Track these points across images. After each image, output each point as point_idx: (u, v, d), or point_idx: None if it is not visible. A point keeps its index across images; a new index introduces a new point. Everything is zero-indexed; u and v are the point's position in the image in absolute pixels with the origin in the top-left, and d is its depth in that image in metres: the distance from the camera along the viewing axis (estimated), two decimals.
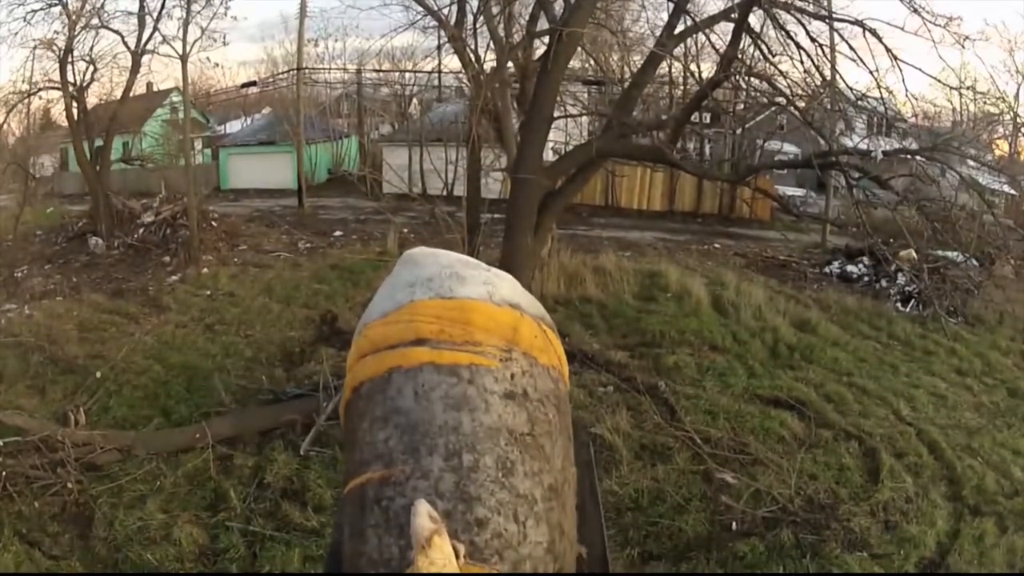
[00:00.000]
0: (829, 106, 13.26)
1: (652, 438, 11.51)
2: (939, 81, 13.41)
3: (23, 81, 24.86)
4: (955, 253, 20.79)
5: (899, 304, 19.52)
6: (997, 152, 22.70)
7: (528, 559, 2.68)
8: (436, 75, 29.46)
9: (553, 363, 3.13)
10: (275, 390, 13.19)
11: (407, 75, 36.25)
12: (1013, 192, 21.02)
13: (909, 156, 13.13)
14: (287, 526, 9.63)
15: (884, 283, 20.68)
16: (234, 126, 45.57)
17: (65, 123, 27.66)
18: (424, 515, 2.22)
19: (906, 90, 14.66)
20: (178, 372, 13.98)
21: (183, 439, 11.48)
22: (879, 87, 12.51)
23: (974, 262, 22.03)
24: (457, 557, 2.44)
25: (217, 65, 33.44)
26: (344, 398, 3.43)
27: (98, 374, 13.59)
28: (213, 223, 25.06)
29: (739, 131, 30.93)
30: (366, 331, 3.30)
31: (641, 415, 12.18)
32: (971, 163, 14.33)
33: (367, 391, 3.07)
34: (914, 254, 19.97)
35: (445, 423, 2.72)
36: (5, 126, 27.45)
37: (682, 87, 24.07)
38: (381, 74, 37.82)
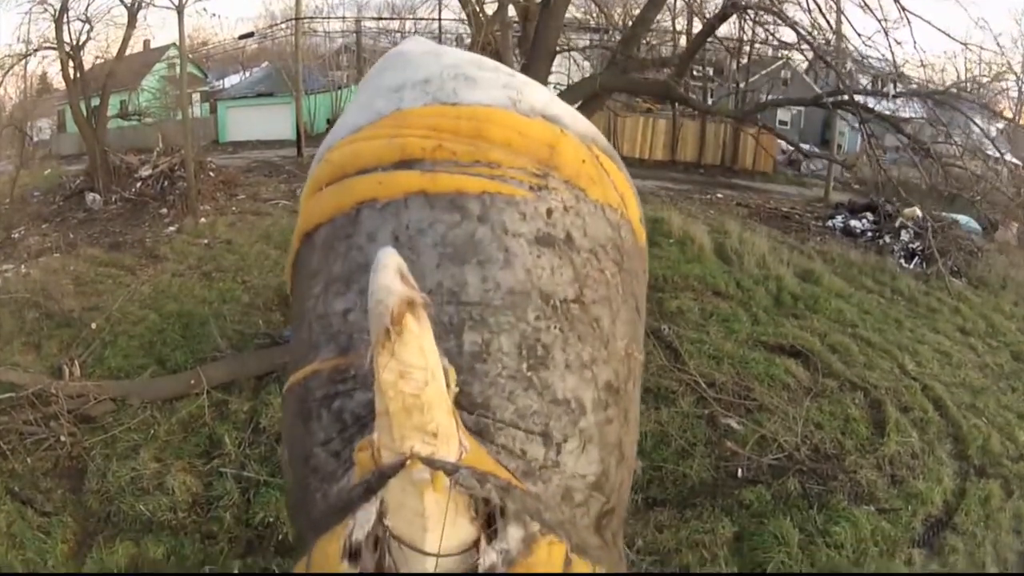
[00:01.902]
0: (835, 52, 12.97)
1: (656, 381, 11.26)
2: (946, 35, 13.06)
3: (19, 41, 24.47)
4: (962, 217, 20.73)
5: (903, 260, 19.28)
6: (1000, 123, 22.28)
7: (561, 491, 1.95)
8: (436, 21, 28.94)
9: (611, 201, 2.28)
10: (271, 334, 12.89)
11: (407, 24, 35.67)
12: (1017, 162, 20.74)
13: (921, 100, 12.86)
14: (281, 471, 9.41)
15: (888, 239, 20.41)
16: (232, 80, 44.89)
17: (62, 87, 27.26)
18: (392, 270, 1.44)
19: (914, 42, 14.35)
20: (174, 320, 13.65)
21: (178, 386, 11.22)
22: (886, 34, 12.21)
23: (976, 224, 21.92)
24: (448, 384, 1.71)
25: (215, 15, 32.92)
26: (291, 251, 2.46)
27: (93, 325, 13.25)
28: (211, 173, 24.61)
29: (742, 84, 30.47)
30: (328, 155, 2.30)
31: (645, 357, 11.85)
32: (976, 127, 14.07)
33: (324, 238, 2.18)
34: (918, 212, 19.84)
35: (439, 285, 1.94)
36: (2, 91, 27.38)
37: (686, 33, 23.76)
38: (381, 23, 37.19)
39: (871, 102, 12.86)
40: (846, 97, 12.18)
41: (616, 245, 2.24)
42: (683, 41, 23.98)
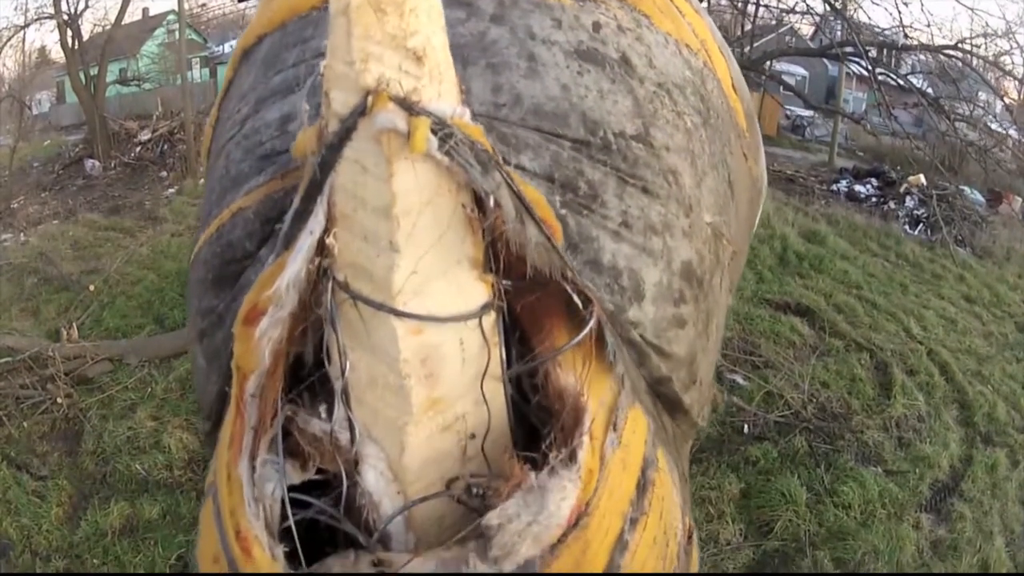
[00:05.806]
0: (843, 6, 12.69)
1: None
2: None
3: (16, 11, 24.23)
4: (965, 188, 20.55)
5: (907, 227, 19.06)
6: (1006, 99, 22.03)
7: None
8: None
9: (688, 41, 1.69)
10: None
11: None
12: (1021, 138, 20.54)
13: (929, 54, 12.63)
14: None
15: (892, 204, 20.19)
16: (233, 44, 44.59)
17: (61, 60, 27.50)
18: None
19: (922, 4, 14.11)
20: (172, 279, 13.23)
21: (175, 343, 10.82)
22: None
23: (979, 196, 21.78)
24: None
25: None
26: (224, 82, 1.94)
27: (91, 287, 12.91)
28: None
29: (748, 48, 30.18)
30: None
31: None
32: (986, 84, 13.87)
33: (268, 50, 1.64)
34: (923, 179, 19.64)
35: None
36: (1, 65, 27.93)
37: None
38: None
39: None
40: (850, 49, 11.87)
41: (698, 92, 1.56)
42: None
